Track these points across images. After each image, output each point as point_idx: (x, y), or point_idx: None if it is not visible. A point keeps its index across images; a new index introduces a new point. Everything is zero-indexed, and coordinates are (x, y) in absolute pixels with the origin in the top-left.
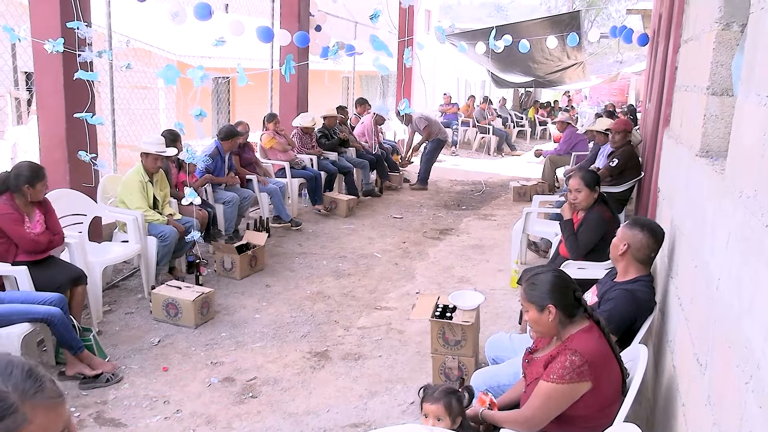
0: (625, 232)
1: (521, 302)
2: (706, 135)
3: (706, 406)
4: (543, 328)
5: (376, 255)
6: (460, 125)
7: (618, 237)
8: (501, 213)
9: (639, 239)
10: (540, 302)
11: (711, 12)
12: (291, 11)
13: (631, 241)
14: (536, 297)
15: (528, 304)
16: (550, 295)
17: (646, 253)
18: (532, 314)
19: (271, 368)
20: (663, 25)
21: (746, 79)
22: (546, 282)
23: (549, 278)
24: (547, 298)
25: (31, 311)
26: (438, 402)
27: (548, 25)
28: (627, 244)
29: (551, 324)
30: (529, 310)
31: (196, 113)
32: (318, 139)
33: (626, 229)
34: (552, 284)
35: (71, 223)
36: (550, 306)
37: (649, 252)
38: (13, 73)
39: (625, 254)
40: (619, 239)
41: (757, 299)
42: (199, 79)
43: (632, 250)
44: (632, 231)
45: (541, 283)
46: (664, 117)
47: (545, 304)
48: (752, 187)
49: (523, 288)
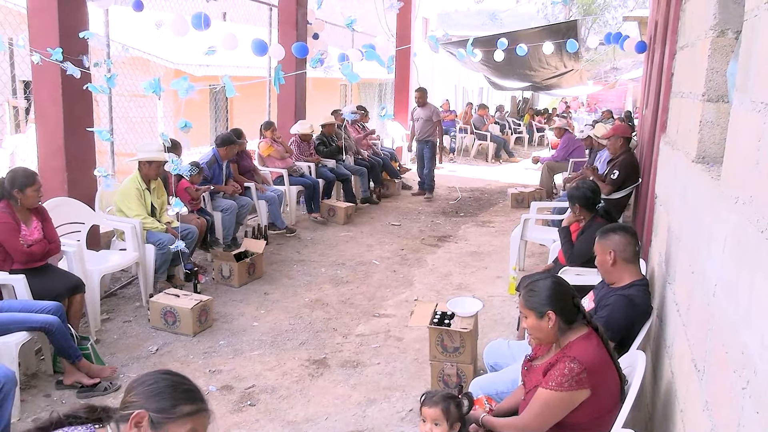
0: (603, 243)
1: (520, 309)
2: (702, 141)
3: (703, 412)
4: (542, 334)
5: (375, 262)
6: (458, 132)
7: (600, 252)
8: (499, 220)
9: (618, 241)
10: (539, 309)
11: (706, 19)
12: (288, 20)
13: (614, 247)
14: (535, 303)
15: (527, 311)
16: (549, 301)
17: (630, 249)
18: (532, 321)
19: (269, 376)
20: (659, 32)
21: (741, 86)
22: (545, 288)
23: (548, 285)
24: (546, 305)
25: (28, 320)
26: (436, 406)
27: (545, 34)
28: (611, 251)
29: (551, 331)
30: (528, 317)
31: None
32: (316, 147)
33: (602, 241)
34: (551, 290)
35: (69, 232)
36: (550, 312)
37: (632, 248)
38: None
39: (616, 262)
40: (602, 253)
41: (753, 305)
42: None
43: (618, 254)
44: (608, 239)
45: (541, 290)
46: (661, 123)
47: (545, 310)
48: (748, 193)
49: (521, 294)
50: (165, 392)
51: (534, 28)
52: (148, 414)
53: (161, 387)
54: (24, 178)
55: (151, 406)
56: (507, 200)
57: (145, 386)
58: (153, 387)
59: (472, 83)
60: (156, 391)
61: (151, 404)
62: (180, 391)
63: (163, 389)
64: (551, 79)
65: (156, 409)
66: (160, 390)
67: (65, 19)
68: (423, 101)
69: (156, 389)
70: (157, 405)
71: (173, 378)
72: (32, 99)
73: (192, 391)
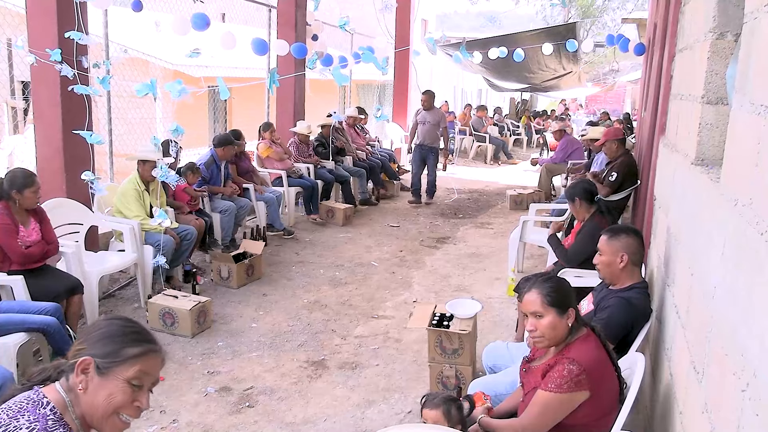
0: (613, 244)
1: (536, 308)
2: (701, 143)
3: (703, 414)
4: (558, 332)
5: (373, 264)
6: (457, 134)
7: (608, 252)
8: (498, 221)
9: (630, 244)
10: (563, 305)
11: (705, 21)
12: (287, 21)
13: (627, 250)
14: (558, 301)
15: (548, 309)
16: (571, 299)
17: (641, 253)
18: (551, 319)
19: (267, 378)
20: (658, 35)
21: (740, 89)
22: (565, 287)
23: (564, 283)
24: (569, 302)
25: (27, 321)
26: (437, 408)
27: (544, 36)
28: (624, 254)
29: (566, 329)
30: (546, 315)
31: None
32: (315, 148)
33: (612, 241)
34: (570, 289)
35: (68, 233)
36: (571, 310)
37: (642, 251)
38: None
39: (626, 265)
40: (611, 254)
41: (753, 307)
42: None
43: (631, 257)
44: (619, 240)
45: (561, 288)
46: (660, 125)
47: (568, 307)
48: (747, 195)
49: (536, 294)
50: (111, 336)
51: (533, 31)
52: (93, 360)
53: (108, 331)
54: (23, 179)
55: (97, 352)
56: (506, 202)
57: (92, 333)
58: (99, 332)
59: (470, 85)
60: (102, 336)
61: (97, 350)
62: (126, 334)
63: (109, 333)
64: (550, 81)
65: (102, 354)
66: (106, 334)
67: (64, 19)
68: (430, 105)
69: (102, 334)
70: (103, 350)
71: (121, 322)
72: (31, 100)
73: (139, 333)
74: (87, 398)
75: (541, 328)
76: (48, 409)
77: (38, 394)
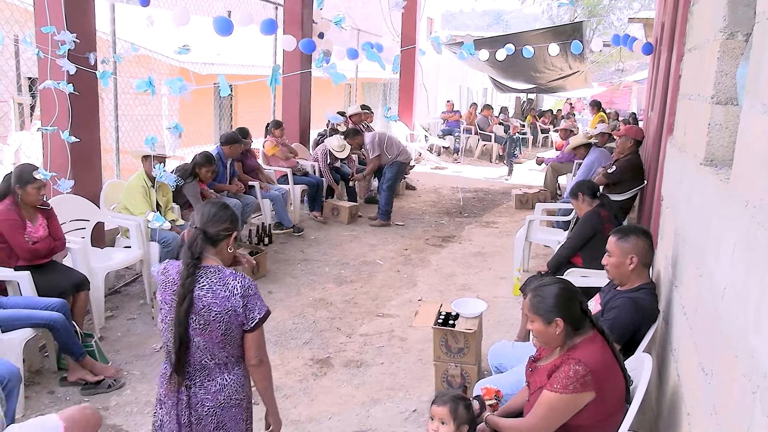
0: (623, 246)
1: (526, 312)
2: (711, 144)
3: (711, 416)
4: (548, 339)
5: (378, 262)
6: (463, 133)
7: (618, 254)
8: (503, 220)
9: (641, 246)
10: (547, 316)
11: (715, 21)
12: (294, 19)
13: (638, 253)
14: (543, 310)
15: (534, 316)
16: (557, 308)
17: (650, 254)
18: (538, 326)
19: (273, 375)
20: (666, 34)
21: (751, 89)
22: (553, 295)
23: (556, 291)
24: (554, 312)
25: (33, 316)
26: (445, 405)
27: (550, 35)
28: (633, 256)
29: (558, 337)
30: (535, 321)
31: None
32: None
33: (622, 243)
34: (559, 297)
35: (74, 229)
36: (558, 320)
37: (652, 253)
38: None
39: (636, 267)
40: (621, 255)
41: (763, 309)
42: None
43: (641, 259)
44: (629, 242)
45: (548, 296)
46: (668, 125)
47: (552, 318)
48: (758, 196)
49: (528, 298)
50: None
51: (539, 30)
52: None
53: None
54: (27, 175)
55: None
56: (511, 201)
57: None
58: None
59: (476, 84)
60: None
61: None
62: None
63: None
64: (556, 81)
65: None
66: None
67: (72, 16)
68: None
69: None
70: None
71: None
72: (38, 96)
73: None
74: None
75: (533, 330)
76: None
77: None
